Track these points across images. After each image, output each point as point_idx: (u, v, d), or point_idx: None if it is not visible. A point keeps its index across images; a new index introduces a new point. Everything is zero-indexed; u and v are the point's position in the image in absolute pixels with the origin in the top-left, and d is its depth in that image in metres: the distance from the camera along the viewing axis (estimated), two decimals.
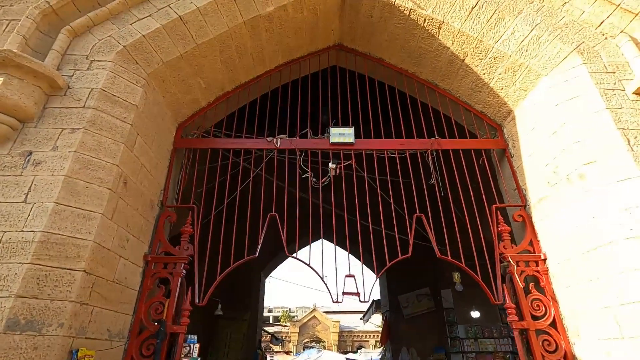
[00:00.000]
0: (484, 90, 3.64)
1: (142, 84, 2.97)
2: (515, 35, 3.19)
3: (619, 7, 3.02)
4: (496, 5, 3.25)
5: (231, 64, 3.68)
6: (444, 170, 3.64)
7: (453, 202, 3.57)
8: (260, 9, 3.46)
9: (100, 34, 2.96)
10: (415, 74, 4.10)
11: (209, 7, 3.23)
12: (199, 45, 3.26)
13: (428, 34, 3.61)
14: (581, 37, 3.05)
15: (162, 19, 3.09)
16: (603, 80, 2.83)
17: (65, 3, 2.91)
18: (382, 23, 3.82)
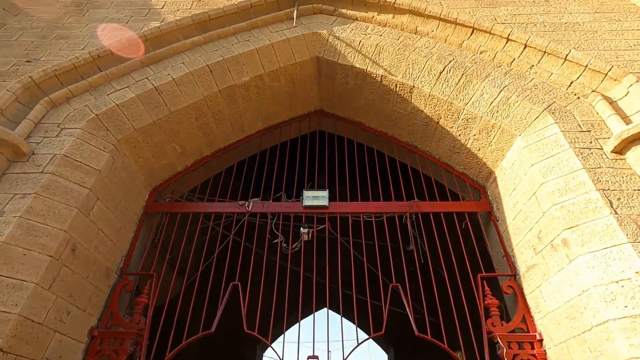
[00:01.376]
0: (462, 151, 3.53)
1: (110, 149, 3.02)
2: (484, 97, 3.16)
3: (587, 68, 2.99)
4: (463, 70, 3.29)
5: (208, 130, 3.76)
6: (424, 235, 3.38)
7: (434, 271, 3.25)
8: (235, 78, 3.62)
9: (77, 104, 3.11)
10: (394, 137, 4.07)
11: (184, 78, 3.40)
12: (172, 112, 3.37)
13: (401, 98, 3.64)
14: (552, 97, 2.99)
15: (138, 89, 3.25)
16: (578, 139, 2.68)
17: (48, 78, 3.11)
18: (357, 89, 3.91)
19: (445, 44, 3.56)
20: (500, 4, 4.07)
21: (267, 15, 3.94)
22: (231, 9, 3.86)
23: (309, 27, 3.91)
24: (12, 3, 4.29)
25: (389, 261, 3.31)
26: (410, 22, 3.75)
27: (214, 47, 3.67)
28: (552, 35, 3.60)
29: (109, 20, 4.14)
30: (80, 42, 3.80)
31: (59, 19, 4.19)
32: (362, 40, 3.71)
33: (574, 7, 3.97)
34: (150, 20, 4.10)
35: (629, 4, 3.98)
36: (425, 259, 3.29)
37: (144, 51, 3.51)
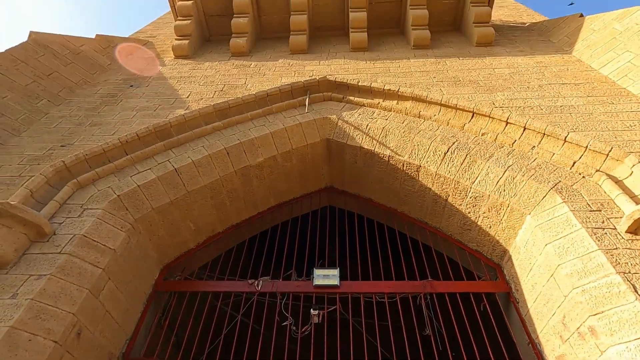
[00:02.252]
0: (474, 228, 3.52)
1: (127, 229, 3.12)
2: (490, 176, 3.25)
3: (587, 149, 3.10)
4: (467, 150, 3.44)
5: (222, 208, 3.89)
6: (440, 317, 3.21)
7: (454, 357, 3.02)
8: (250, 159, 3.84)
9: (101, 185, 3.31)
10: (404, 213, 4.11)
11: (203, 160, 3.62)
12: (190, 192, 3.53)
13: (409, 176, 3.77)
14: (557, 176, 3.06)
15: (160, 171, 3.46)
16: (589, 219, 2.67)
17: (78, 161, 3.37)
18: (366, 168, 4.08)
19: (448, 126, 3.79)
20: (497, 90, 4.39)
21: (282, 102, 4.32)
22: (249, 98, 4.26)
23: (319, 113, 4.25)
24: (57, 95, 4.83)
25: (404, 345, 3.10)
26: (413, 107, 4.05)
27: (232, 132, 3.98)
28: (550, 118, 3.80)
29: (140, 108, 4.59)
30: (111, 129, 4.18)
31: (96, 108, 4.66)
32: (369, 123, 3.98)
33: (567, 92, 4.25)
34: (176, 108, 4.53)
35: (619, 88, 4.25)
36: (443, 344, 3.07)
37: (168, 136, 3.82)
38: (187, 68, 5.65)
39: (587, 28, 5.33)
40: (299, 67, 5.42)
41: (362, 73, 5.07)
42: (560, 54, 5.25)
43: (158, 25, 8.07)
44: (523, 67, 4.93)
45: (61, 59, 5.27)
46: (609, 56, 4.70)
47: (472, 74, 4.86)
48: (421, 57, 5.43)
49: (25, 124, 4.27)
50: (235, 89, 4.91)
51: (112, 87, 5.20)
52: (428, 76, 4.87)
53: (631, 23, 4.76)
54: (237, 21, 6.08)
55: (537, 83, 4.51)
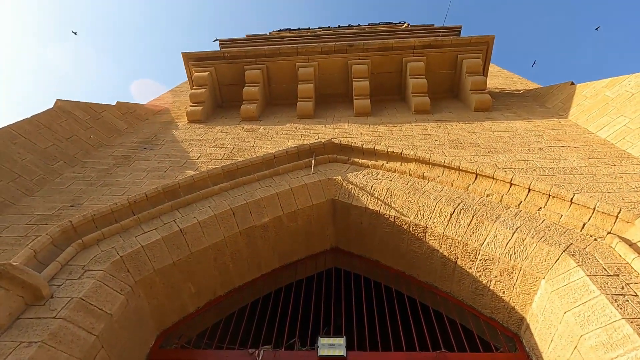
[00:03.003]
0: (486, 293, 3.35)
1: (127, 291, 3.02)
2: (498, 238, 3.18)
3: (596, 210, 3.06)
4: (473, 212, 3.42)
5: (225, 269, 3.80)
6: None
7: None
8: (256, 220, 3.84)
9: (105, 245, 3.29)
10: (412, 276, 3.97)
11: (208, 220, 3.63)
12: (193, 253, 3.48)
13: (415, 237, 3.71)
14: (568, 239, 2.98)
15: (165, 231, 3.46)
16: (607, 284, 2.54)
17: (86, 221, 3.40)
18: (372, 229, 4.04)
19: (452, 187, 3.82)
20: (498, 152, 4.50)
21: (288, 164, 4.44)
22: (257, 160, 4.40)
23: (325, 174, 4.33)
24: (73, 157, 5.04)
25: None
26: (417, 169, 4.13)
27: (239, 192, 4.04)
28: (553, 179, 3.83)
29: (150, 169, 4.73)
30: (121, 189, 4.27)
31: (108, 169, 4.82)
32: (374, 184, 4.03)
33: (568, 154, 4.34)
34: (186, 169, 4.67)
35: (619, 150, 4.32)
36: None
37: (176, 196, 3.88)
38: (199, 132, 5.94)
39: (579, 95, 5.60)
40: (306, 130, 5.66)
41: (366, 136, 5.27)
42: (556, 118, 5.46)
43: (175, 93, 8.67)
44: (522, 131, 5.10)
45: (82, 124, 5.60)
46: (605, 120, 4.87)
47: (473, 136, 5.02)
48: (422, 122, 5.67)
49: (39, 185, 4.40)
50: (243, 151, 5.10)
51: (126, 150, 5.43)
52: (430, 139, 5.03)
53: (621, 90, 5.01)
54: (248, 89, 6.52)
55: (537, 145, 4.62)
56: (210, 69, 6.86)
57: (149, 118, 6.78)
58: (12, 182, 4.21)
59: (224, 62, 6.88)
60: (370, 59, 6.64)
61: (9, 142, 4.55)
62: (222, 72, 6.94)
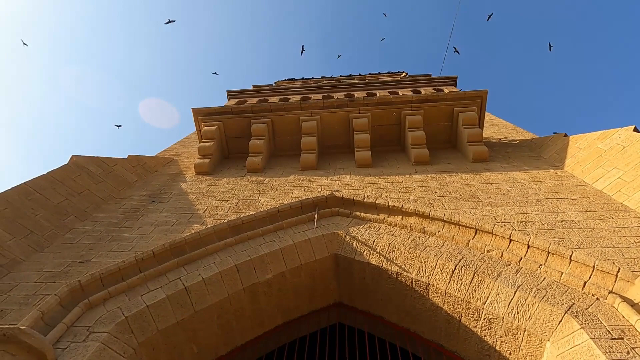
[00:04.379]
0: (493, 354, 3.29)
1: (130, 354, 3.02)
2: (500, 297, 3.19)
3: (595, 268, 3.10)
4: (474, 269, 3.46)
5: (228, 327, 3.78)
6: None
7: None
8: (260, 276, 3.89)
9: (111, 305, 3.33)
10: (417, 333, 3.91)
11: (213, 278, 3.69)
12: (197, 312, 3.50)
13: (418, 294, 3.71)
14: (570, 298, 2.99)
15: (170, 290, 3.51)
16: (612, 349, 2.52)
17: (94, 280, 3.47)
18: (375, 284, 4.05)
19: (453, 242, 3.88)
20: (497, 205, 4.60)
21: (292, 218, 4.56)
22: (261, 214, 4.53)
23: (327, 228, 4.43)
24: (83, 211, 5.21)
25: None
26: (417, 223, 4.22)
27: (243, 248, 4.12)
28: (552, 233, 3.89)
29: (158, 223, 4.86)
30: (129, 244, 4.38)
31: (117, 223, 4.96)
32: (375, 239, 4.11)
33: (565, 207, 4.43)
34: (193, 223, 4.79)
35: (616, 203, 4.41)
36: None
37: (182, 253, 3.97)
38: (206, 184, 6.14)
39: (573, 146, 5.80)
40: (309, 182, 5.85)
41: (367, 188, 5.42)
42: (552, 169, 5.61)
43: (184, 144, 9.04)
44: (519, 182, 5.23)
45: (94, 178, 5.84)
46: (599, 172, 5.01)
47: (472, 188, 5.16)
48: (422, 173, 5.85)
49: (50, 240, 4.52)
50: (249, 204, 5.25)
51: (135, 203, 5.60)
52: (430, 191, 5.17)
53: (612, 143, 5.20)
54: (254, 142, 6.81)
55: (535, 197, 4.73)
56: (219, 123, 7.23)
57: (158, 170, 7.04)
58: (24, 238, 4.34)
59: (231, 116, 7.27)
60: (370, 113, 6.98)
61: (24, 199, 4.74)
62: (230, 125, 7.30)
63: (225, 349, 3.83)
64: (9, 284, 3.76)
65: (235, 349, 3.90)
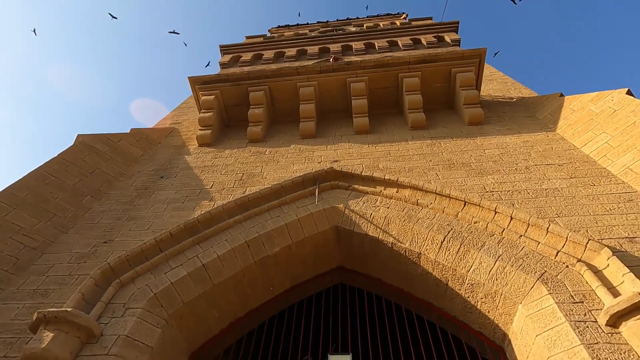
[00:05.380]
0: (474, 312, 3.80)
1: (162, 325, 3.53)
2: (482, 266, 3.61)
3: (568, 239, 3.47)
4: (461, 240, 3.84)
5: (243, 294, 4.29)
6: None
7: None
8: (268, 250, 4.31)
9: (140, 283, 3.79)
10: (410, 293, 4.43)
11: (227, 254, 4.11)
12: (215, 285, 3.97)
13: (411, 262, 4.15)
14: (542, 266, 3.40)
15: (190, 267, 3.94)
16: (572, 311, 2.97)
17: (121, 262, 3.89)
18: (372, 252, 4.48)
19: (443, 214, 4.23)
20: (487, 173, 4.88)
21: (295, 193, 4.87)
22: (266, 191, 4.83)
23: (328, 202, 4.76)
24: (98, 190, 5.53)
25: None
26: (411, 195, 4.53)
27: (252, 224, 4.49)
28: (536, 202, 4.22)
29: (169, 201, 5.20)
30: (146, 223, 4.76)
31: (131, 201, 5.30)
32: (372, 212, 4.46)
33: (552, 174, 4.70)
34: (202, 199, 5.13)
35: (599, 168, 4.67)
36: None
37: (196, 231, 4.36)
38: (209, 157, 6.37)
39: (567, 108, 5.89)
40: (309, 152, 6.07)
41: (365, 157, 5.66)
42: (545, 131, 5.78)
43: (182, 110, 9.06)
44: (511, 147, 5.44)
45: (102, 156, 6.06)
46: (589, 136, 5.19)
47: (465, 155, 5.39)
48: (418, 139, 6.03)
49: (72, 221, 4.90)
50: (252, 177, 5.54)
51: (144, 179, 5.89)
52: (425, 159, 5.42)
53: (604, 106, 5.30)
54: (253, 112, 6.90)
55: (524, 164, 4.98)
56: (216, 92, 7.24)
57: (161, 141, 7.22)
58: (49, 221, 4.72)
59: (228, 84, 7.25)
60: (367, 76, 6.94)
61: (42, 183, 5.03)
62: (228, 94, 7.31)
63: (242, 312, 4.39)
64: (45, 265, 4.21)
65: (251, 310, 4.45)
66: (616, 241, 3.56)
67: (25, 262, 4.19)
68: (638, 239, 3.56)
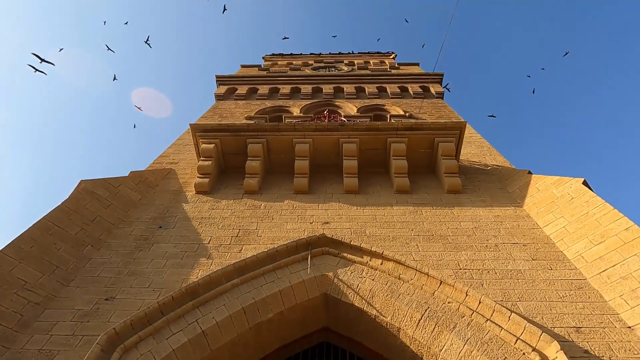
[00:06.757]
0: None
1: None
2: (453, 347, 4.13)
3: (525, 329, 4.04)
4: (436, 320, 4.36)
5: (236, 356, 4.63)
6: None
7: None
8: (263, 316, 4.69)
9: (143, 348, 4.08)
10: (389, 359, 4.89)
11: (224, 320, 4.46)
12: (212, 350, 4.31)
13: (391, 334, 4.63)
14: (504, 352, 3.95)
15: (190, 333, 4.27)
16: None
17: (125, 326, 4.17)
18: (357, 320, 4.94)
19: (422, 291, 4.75)
20: (462, 249, 5.47)
21: (288, 258, 5.29)
22: (262, 255, 5.24)
23: (319, 269, 5.21)
24: (98, 239, 5.77)
25: None
26: (394, 269, 5.04)
27: (248, 289, 4.87)
28: (502, 284, 4.82)
29: (169, 255, 5.52)
30: (146, 280, 5.06)
31: (131, 253, 5.57)
32: (359, 284, 4.94)
33: (517, 254, 5.34)
34: (200, 256, 5.48)
35: (557, 251, 5.35)
36: None
37: (196, 294, 4.69)
38: (206, 206, 6.72)
39: (533, 186, 6.64)
40: (302, 210, 6.53)
41: (353, 221, 6.18)
42: (514, 206, 6.48)
43: (178, 148, 9.37)
44: (484, 222, 6.09)
45: (102, 202, 6.31)
46: (550, 217, 5.91)
47: (443, 227, 5.99)
48: (402, 204, 6.62)
49: (73, 273, 5.13)
50: (248, 234, 5.93)
51: (143, 228, 6.17)
52: (407, 228, 5.98)
53: (564, 192, 6.06)
54: (251, 164, 7.33)
55: (494, 242, 5.62)
56: (216, 140, 7.64)
57: (159, 184, 7.51)
58: (52, 274, 4.94)
59: (228, 135, 7.67)
60: (359, 138, 7.54)
61: (46, 234, 5.25)
62: (227, 143, 7.72)
63: None
64: (48, 322, 4.43)
65: None
66: (565, 330, 4.17)
67: (29, 318, 4.40)
68: (583, 329, 4.18)
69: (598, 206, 5.42)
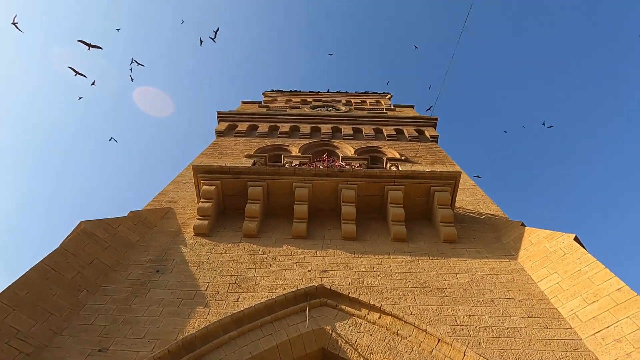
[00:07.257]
0: None
1: None
2: None
3: None
4: None
5: None
6: None
7: None
8: None
9: None
10: None
11: None
12: None
13: None
14: None
15: None
16: None
17: None
18: None
19: (420, 349, 4.75)
20: (459, 303, 5.52)
21: (287, 309, 5.28)
22: (260, 306, 5.23)
23: (317, 321, 5.19)
24: (94, 283, 5.71)
25: None
26: (392, 324, 5.06)
27: (245, 342, 4.82)
28: (499, 342, 4.84)
29: (165, 303, 5.46)
30: (141, 330, 4.97)
31: (127, 300, 5.51)
32: (357, 339, 4.92)
33: (513, 310, 5.40)
34: (197, 305, 5.43)
35: (552, 308, 5.42)
36: None
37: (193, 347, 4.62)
38: (205, 250, 6.73)
39: (526, 239, 6.81)
40: (300, 257, 6.57)
41: (351, 270, 6.22)
42: (508, 258, 6.60)
43: (178, 185, 9.46)
44: (479, 274, 6.18)
45: (100, 244, 6.29)
46: (544, 272, 6.02)
47: (439, 279, 6.05)
48: (399, 253, 6.70)
49: (67, 320, 5.04)
50: (246, 282, 5.92)
51: (140, 271, 6.13)
52: (405, 279, 6.03)
53: (556, 247, 6.22)
54: (250, 207, 7.42)
55: (490, 296, 5.68)
56: (217, 182, 7.76)
57: (157, 224, 7.52)
58: (45, 322, 4.85)
59: (229, 177, 7.81)
60: (357, 185, 7.73)
61: (42, 279, 5.20)
62: (227, 185, 7.84)
63: None
64: None
65: None
66: None
67: None
68: None
69: (590, 264, 5.57)
